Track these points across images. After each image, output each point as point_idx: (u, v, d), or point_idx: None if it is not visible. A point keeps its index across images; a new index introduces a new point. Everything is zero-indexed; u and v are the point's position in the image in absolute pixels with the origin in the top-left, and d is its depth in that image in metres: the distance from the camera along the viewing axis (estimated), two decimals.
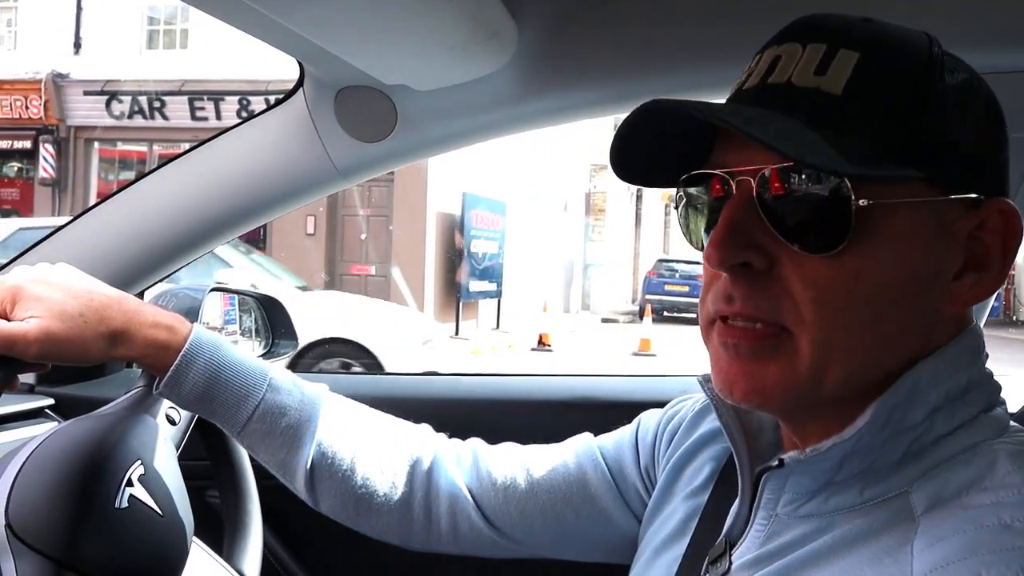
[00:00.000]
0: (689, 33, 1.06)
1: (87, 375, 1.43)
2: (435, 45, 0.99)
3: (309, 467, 0.92)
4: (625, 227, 21.77)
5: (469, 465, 0.97)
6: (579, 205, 19.09)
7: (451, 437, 1.02)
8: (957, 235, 0.60)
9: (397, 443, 0.97)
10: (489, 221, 13.89)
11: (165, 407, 0.99)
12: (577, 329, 15.26)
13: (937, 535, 0.54)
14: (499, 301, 14.30)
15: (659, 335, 12.62)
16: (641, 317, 14.35)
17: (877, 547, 0.56)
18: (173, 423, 1.01)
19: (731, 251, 0.60)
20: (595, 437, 0.98)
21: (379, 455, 0.95)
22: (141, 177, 1.31)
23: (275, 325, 1.42)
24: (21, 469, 0.74)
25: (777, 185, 0.59)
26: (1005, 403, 0.64)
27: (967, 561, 0.50)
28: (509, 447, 1.00)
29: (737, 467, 0.70)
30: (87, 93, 14.35)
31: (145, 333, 0.82)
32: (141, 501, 0.78)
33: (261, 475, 1.07)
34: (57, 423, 1.16)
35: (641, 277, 20.07)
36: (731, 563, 0.67)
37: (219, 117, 13.68)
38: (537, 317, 13.12)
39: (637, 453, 0.93)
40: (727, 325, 0.63)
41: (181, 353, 0.84)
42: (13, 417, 1.21)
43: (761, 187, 0.60)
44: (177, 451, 0.98)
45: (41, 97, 14.44)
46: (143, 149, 15.05)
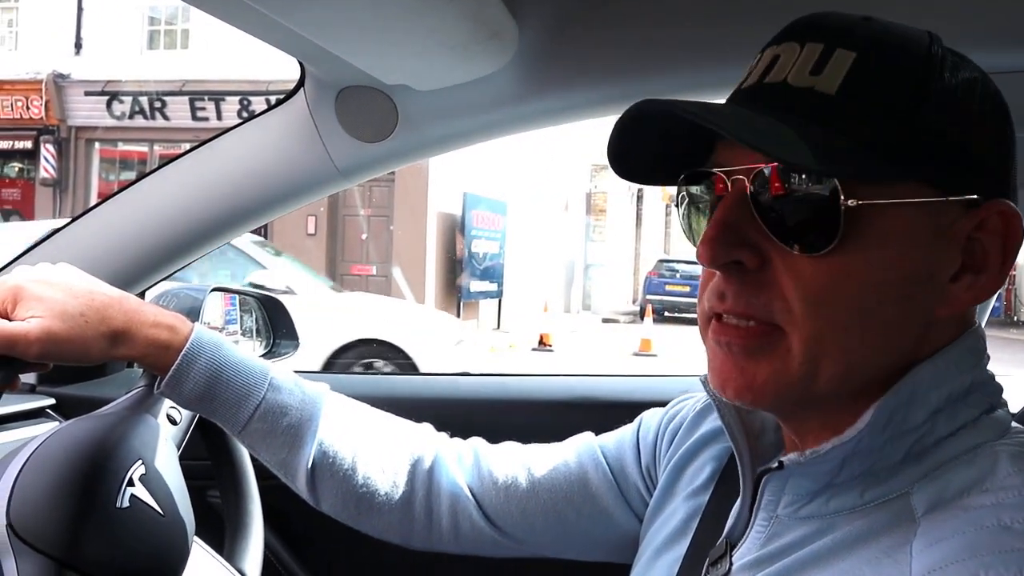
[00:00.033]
0: (690, 33, 1.06)
1: (88, 375, 1.43)
2: (436, 45, 0.99)
3: (310, 466, 0.92)
4: (626, 227, 21.76)
5: (470, 464, 0.97)
6: (580, 205, 19.08)
7: (452, 437, 1.02)
8: (955, 236, 0.60)
9: (398, 442, 0.97)
10: (490, 221, 13.89)
11: (166, 407, 0.99)
12: (578, 329, 15.25)
13: (937, 536, 0.53)
14: (500, 301, 14.30)
15: (660, 335, 12.62)
16: (642, 317, 14.34)
17: (877, 548, 0.56)
18: (174, 423, 1.01)
19: (723, 249, 0.60)
20: (596, 436, 0.98)
21: (380, 454, 0.95)
22: (142, 177, 1.31)
23: (276, 325, 1.42)
24: (22, 469, 0.74)
25: (770, 185, 0.59)
26: (1007, 404, 0.64)
27: (966, 562, 0.50)
28: (510, 446, 1.00)
29: (739, 467, 0.70)
30: (88, 93, 14.36)
31: (146, 333, 0.82)
32: (142, 501, 0.78)
33: (262, 474, 1.07)
34: (58, 423, 1.16)
35: (642, 277, 20.08)
36: (732, 564, 0.67)
37: (220, 117, 13.68)
38: (538, 317, 13.12)
39: (638, 452, 0.93)
40: (721, 323, 0.63)
41: (182, 353, 0.84)
42: (14, 417, 1.21)
43: (755, 186, 0.60)
44: (178, 451, 0.98)
45: (42, 97, 14.45)
46: (144, 149, 15.05)
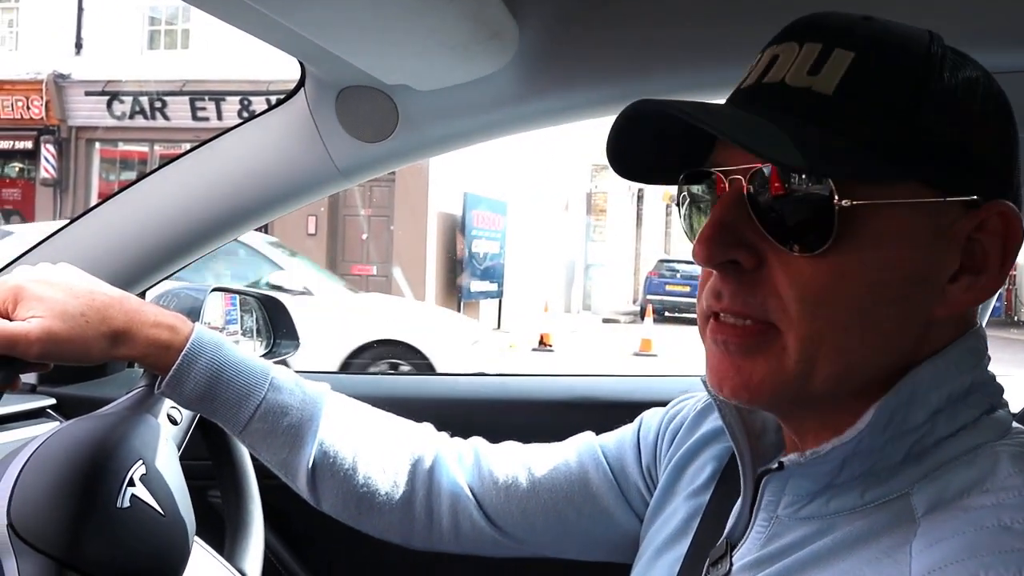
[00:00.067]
0: (691, 33, 1.06)
1: (89, 375, 1.43)
2: (436, 45, 0.99)
3: (311, 466, 0.92)
4: (626, 227, 21.75)
5: (471, 464, 0.97)
6: (580, 205, 19.07)
7: (452, 437, 1.02)
8: (955, 237, 0.59)
9: (399, 442, 0.97)
10: (490, 221, 13.89)
11: (167, 407, 0.99)
12: (578, 329, 15.24)
13: (937, 536, 0.53)
14: (500, 301, 14.30)
15: (660, 335, 12.62)
16: (642, 317, 14.34)
17: (877, 548, 0.56)
18: (175, 423, 1.01)
19: (719, 249, 0.60)
20: (596, 436, 0.98)
21: (381, 454, 0.95)
22: (142, 177, 1.31)
23: (277, 325, 1.42)
24: (23, 469, 0.74)
25: (767, 185, 0.59)
26: (1007, 405, 0.64)
27: (966, 562, 0.50)
28: (511, 446, 1.00)
29: (739, 467, 0.70)
30: (88, 93, 14.36)
31: (147, 333, 0.82)
32: (143, 501, 0.78)
33: (263, 474, 1.07)
34: (59, 423, 1.16)
35: (642, 277, 20.07)
36: (732, 564, 0.67)
37: (220, 117, 13.68)
38: (538, 317, 13.11)
39: (639, 452, 0.93)
40: (718, 322, 0.63)
41: (183, 353, 0.84)
42: (15, 417, 1.21)
43: (752, 186, 0.60)
44: (179, 451, 0.98)
45: (42, 97, 14.45)
46: (144, 149, 15.06)
